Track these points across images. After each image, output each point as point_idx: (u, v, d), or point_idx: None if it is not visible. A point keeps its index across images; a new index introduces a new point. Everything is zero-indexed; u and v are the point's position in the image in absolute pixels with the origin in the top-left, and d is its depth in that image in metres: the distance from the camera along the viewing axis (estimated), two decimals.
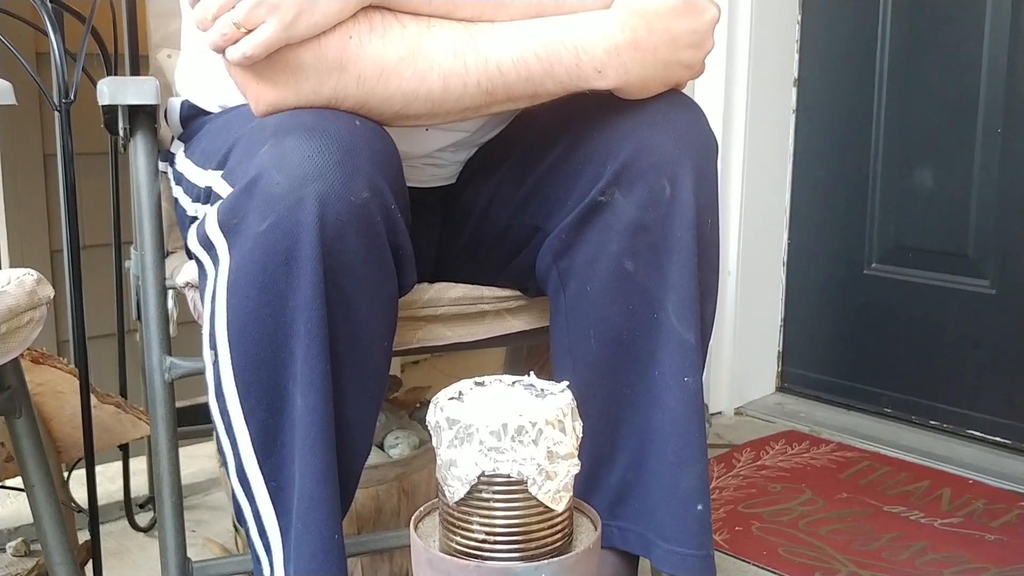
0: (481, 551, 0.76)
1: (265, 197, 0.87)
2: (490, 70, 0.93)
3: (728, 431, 2.18)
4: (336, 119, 0.90)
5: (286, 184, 0.86)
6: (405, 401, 1.61)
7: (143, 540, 1.66)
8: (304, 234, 0.86)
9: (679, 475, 1.02)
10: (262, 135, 0.91)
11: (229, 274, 0.90)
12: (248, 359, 0.90)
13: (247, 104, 0.97)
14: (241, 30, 0.88)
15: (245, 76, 0.93)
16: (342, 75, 0.91)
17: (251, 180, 0.88)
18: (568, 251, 1.04)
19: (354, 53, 0.91)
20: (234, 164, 0.96)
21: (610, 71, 0.95)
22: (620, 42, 0.95)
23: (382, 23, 0.92)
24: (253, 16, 0.87)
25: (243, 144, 0.96)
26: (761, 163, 2.26)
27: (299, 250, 0.86)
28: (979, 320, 2.04)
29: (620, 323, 1.02)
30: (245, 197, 0.88)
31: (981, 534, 1.64)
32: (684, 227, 0.99)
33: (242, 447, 0.93)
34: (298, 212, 0.86)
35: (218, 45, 0.90)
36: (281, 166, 0.87)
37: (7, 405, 1.10)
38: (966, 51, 2.01)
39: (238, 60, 0.89)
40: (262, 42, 0.88)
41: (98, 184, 1.72)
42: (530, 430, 0.73)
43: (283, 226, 0.86)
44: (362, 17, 0.91)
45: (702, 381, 1.03)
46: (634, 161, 0.99)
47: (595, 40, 0.94)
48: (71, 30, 1.45)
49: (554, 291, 1.08)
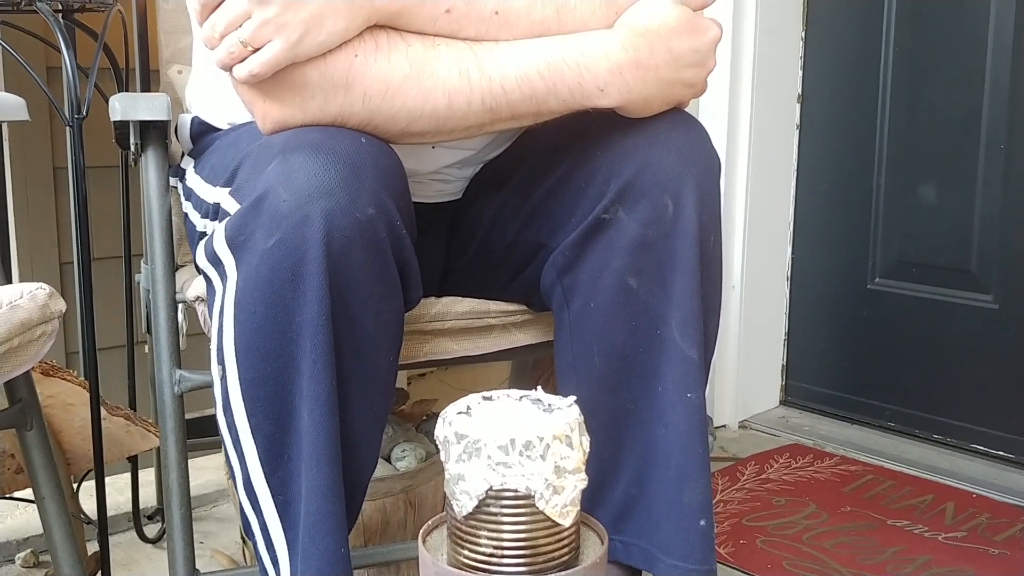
0: (489, 565, 0.77)
1: (272, 214, 0.88)
2: (494, 88, 0.94)
3: (732, 444, 2.19)
4: (342, 136, 0.91)
5: (293, 201, 0.87)
6: (412, 414, 1.62)
7: (151, 551, 1.66)
8: (310, 251, 0.87)
9: (682, 490, 1.02)
10: (269, 153, 0.92)
11: (236, 290, 0.91)
12: (255, 374, 0.91)
13: (255, 121, 0.98)
14: (248, 48, 0.89)
15: (252, 94, 0.95)
16: (348, 93, 0.92)
17: (258, 197, 0.89)
18: (572, 268, 1.05)
19: (360, 71, 0.92)
20: (242, 181, 0.97)
21: (612, 89, 0.97)
22: (622, 61, 0.96)
23: (387, 42, 0.93)
24: (259, 35, 0.88)
25: (250, 161, 0.97)
26: (765, 178, 2.27)
27: (305, 266, 0.87)
28: (982, 335, 2.05)
29: (623, 339, 1.03)
30: (252, 214, 0.89)
31: (985, 548, 1.64)
32: (687, 244, 1.00)
33: (249, 461, 0.94)
34: (304, 229, 0.87)
35: (225, 63, 0.91)
36: (288, 183, 0.88)
37: (18, 417, 1.11)
38: (969, 67, 2.02)
39: (245, 78, 0.91)
40: (268, 60, 0.89)
41: (108, 197, 1.74)
42: (538, 445, 0.74)
43: (289, 243, 0.87)
44: (367, 36, 0.92)
45: (705, 397, 1.03)
46: (637, 179, 1.00)
47: (597, 59, 0.95)
48: (83, 46, 1.47)
49: (558, 307, 1.09)
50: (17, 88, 1.32)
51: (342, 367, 0.92)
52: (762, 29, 2.19)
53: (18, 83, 1.64)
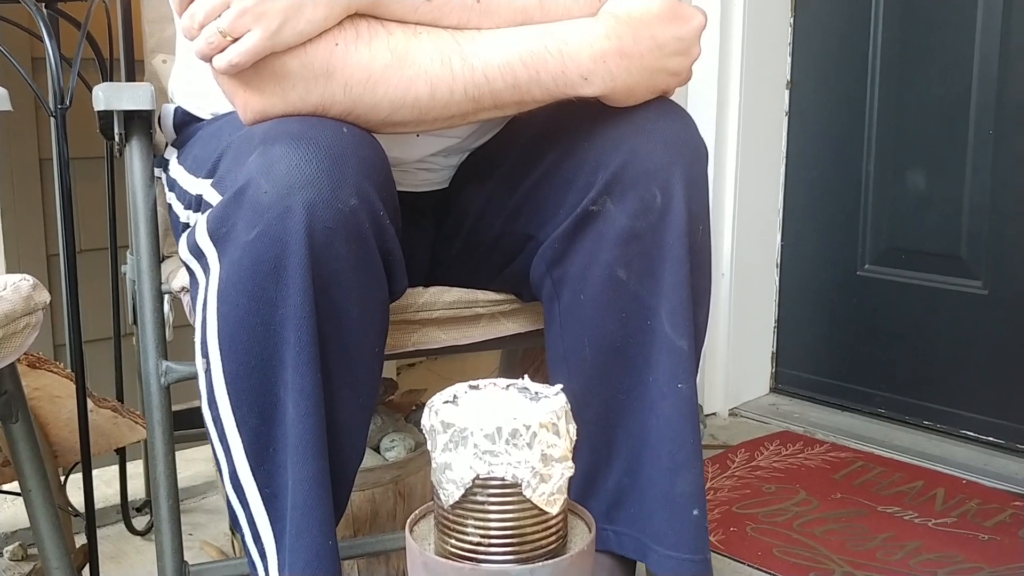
0: (476, 554, 0.76)
1: (253, 206, 0.87)
2: (476, 77, 0.94)
3: (722, 432, 2.19)
4: (323, 127, 0.91)
5: (274, 193, 0.87)
6: (401, 404, 1.62)
7: (140, 544, 1.66)
8: (292, 242, 0.87)
9: (674, 480, 1.02)
10: (250, 144, 0.91)
11: (219, 283, 0.90)
12: (240, 367, 0.91)
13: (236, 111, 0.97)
14: (227, 38, 0.88)
15: (232, 84, 0.94)
16: (329, 82, 0.92)
17: (239, 189, 0.88)
18: (561, 260, 1.05)
19: (340, 60, 0.91)
20: (223, 173, 0.96)
21: (596, 78, 0.96)
22: (606, 49, 0.95)
23: (368, 30, 0.92)
24: (239, 24, 0.87)
25: (232, 153, 0.96)
26: (754, 165, 2.27)
27: (288, 258, 0.87)
28: (972, 321, 2.05)
29: (614, 331, 1.03)
30: (234, 206, 0.89)
31: (975, 534, 1.65)
32: (676, 235, 1.00)
33: (235, 454, 0.94)
34: (286, 220, 0.86)
35: (204, 53, 0.90)
36: (269, 175, 0.87)
37: (4, 410, 1.11)
38: (958, 54, 2.02)
39: (224, 68, 0.90)
40: (248, 49, 0.88)
41: (94, 188, 1.73)
42: (524, 433, 0.74)
43: (271, 234, 0.87)
44: (348, 25, 0.92)
45: (696, 386, 1.03)
46: (624, 170, 1.00)
47: (581, 47, 0.95)
48: (66, 36, 1.46)
49: (548, 299, 1.08)
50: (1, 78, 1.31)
51: (327, 359, 0.91)
52: (750, 15, 2.18)
53: (2, 73, 1.63)
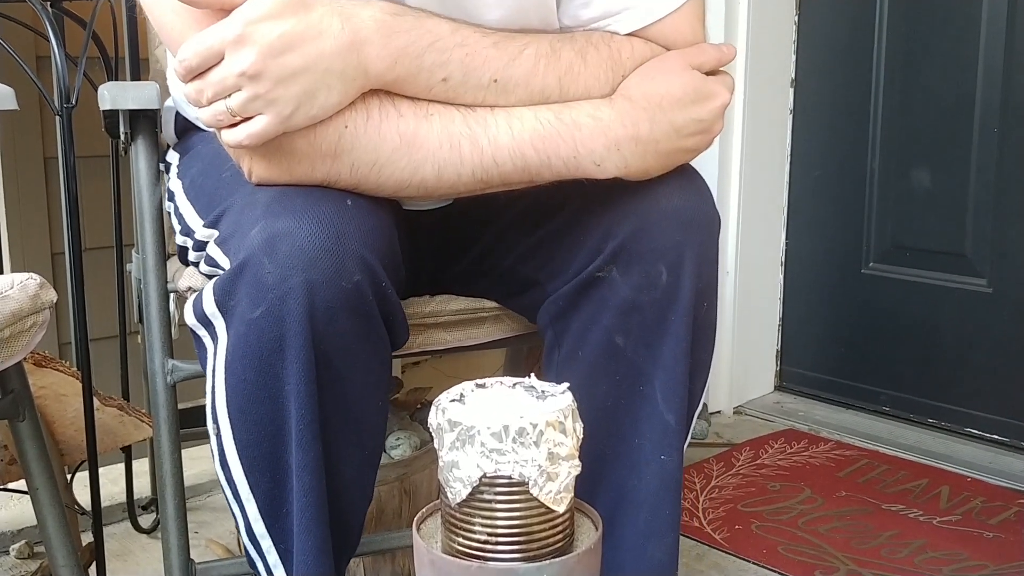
0: (483, 552, 0.76)
1: (256, 284, 0.87)
2: (485, 161, 0.92)
3: (727, 430, 2.19)
4: (326, 200, 0.89)
5: (276, 273, 0.86)
6: (406, 402, 1.62)
7: (146, 542, 1.66)
8: (294, 324, 0.86)
9: (647, 545, 1.02)
10: (252, 212, 0.90)
11: (227, 354, 0.90)
12: (250, 436, 0.91)
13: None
14: (236, 117, 0.86)
15: (238, 151, 0.93)
16: (335, 162, 0.90)
17: (242, 263, 0.88)
18: (564, 316, 1.04)
19: (348, 143, 0.90)
20: (226, 235, 0.95)
21: (609, 164, 0.94)
22: (620, 136, 0.93)
23: (379, 112, 0.90)
24: (249, 108, 0.85)
25: (234, 216, 0.95)
26: (759, 164, 2.27)
27: (289, 339, 0.87)
28: (976, 319, 2.05)
29: (606, 391, 1.02)
30: (239, 280, 0.88)
31: (979, 532, 1.65)
32: (679, 312, 0.98)
33: (250, 513, 0.95)
34: (288, 301, 0.86)
35: (211, 125, 0.89)
36: (271, 253, 0.86)
37: (10, 409, 1.11)
38: (962, 51, 2.01)
39: (231, 144, 0.88)
40: (257, 133, 0.86)
41: (99, 187, 1.73)
42: (531, 432, 0.74)
43: (275, 315, 0.86)
44: (360, 104, 0.90)
45: (681, 459, 1.02)
46: (632, 243, 0.98)
47: (594, 133, 0.92)
48: (72, 34, 1.46)
49: (549, 347, 1.08)
50: (6, 77, 1.31)
51: (330, 426, 0.92)
52: (755, 14, 2.18)
53: (7, 72, 1.63)
